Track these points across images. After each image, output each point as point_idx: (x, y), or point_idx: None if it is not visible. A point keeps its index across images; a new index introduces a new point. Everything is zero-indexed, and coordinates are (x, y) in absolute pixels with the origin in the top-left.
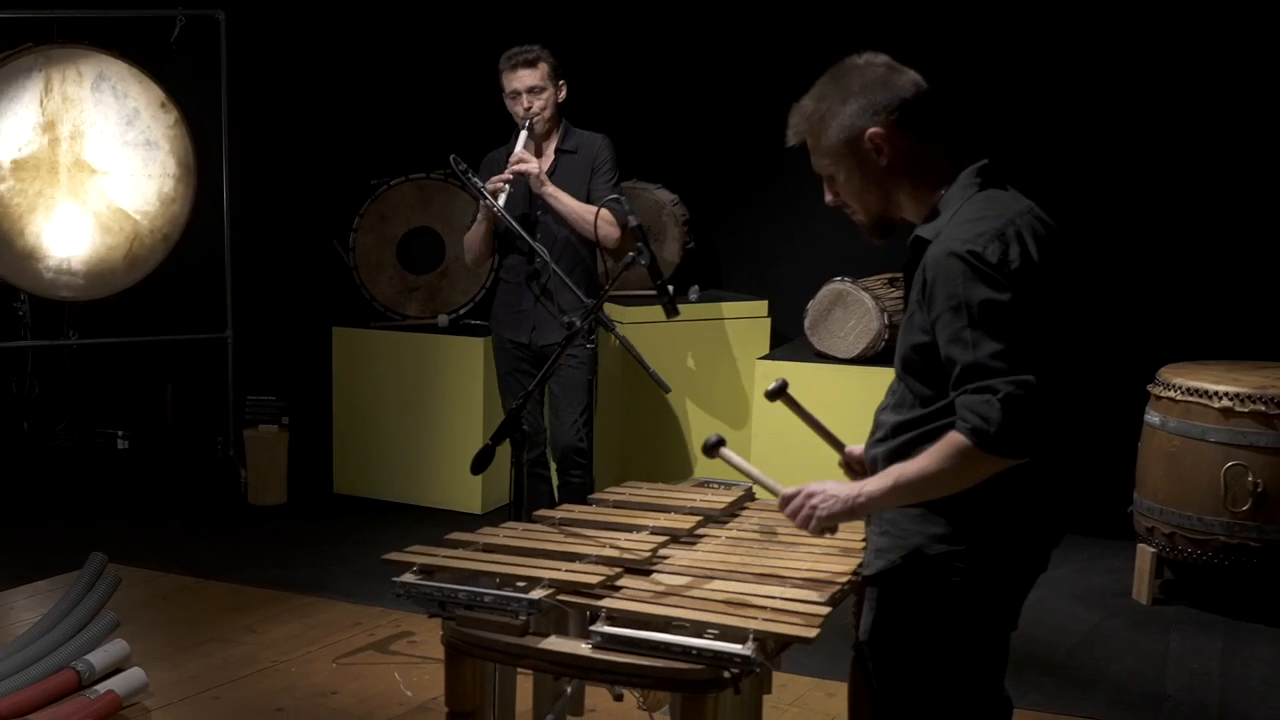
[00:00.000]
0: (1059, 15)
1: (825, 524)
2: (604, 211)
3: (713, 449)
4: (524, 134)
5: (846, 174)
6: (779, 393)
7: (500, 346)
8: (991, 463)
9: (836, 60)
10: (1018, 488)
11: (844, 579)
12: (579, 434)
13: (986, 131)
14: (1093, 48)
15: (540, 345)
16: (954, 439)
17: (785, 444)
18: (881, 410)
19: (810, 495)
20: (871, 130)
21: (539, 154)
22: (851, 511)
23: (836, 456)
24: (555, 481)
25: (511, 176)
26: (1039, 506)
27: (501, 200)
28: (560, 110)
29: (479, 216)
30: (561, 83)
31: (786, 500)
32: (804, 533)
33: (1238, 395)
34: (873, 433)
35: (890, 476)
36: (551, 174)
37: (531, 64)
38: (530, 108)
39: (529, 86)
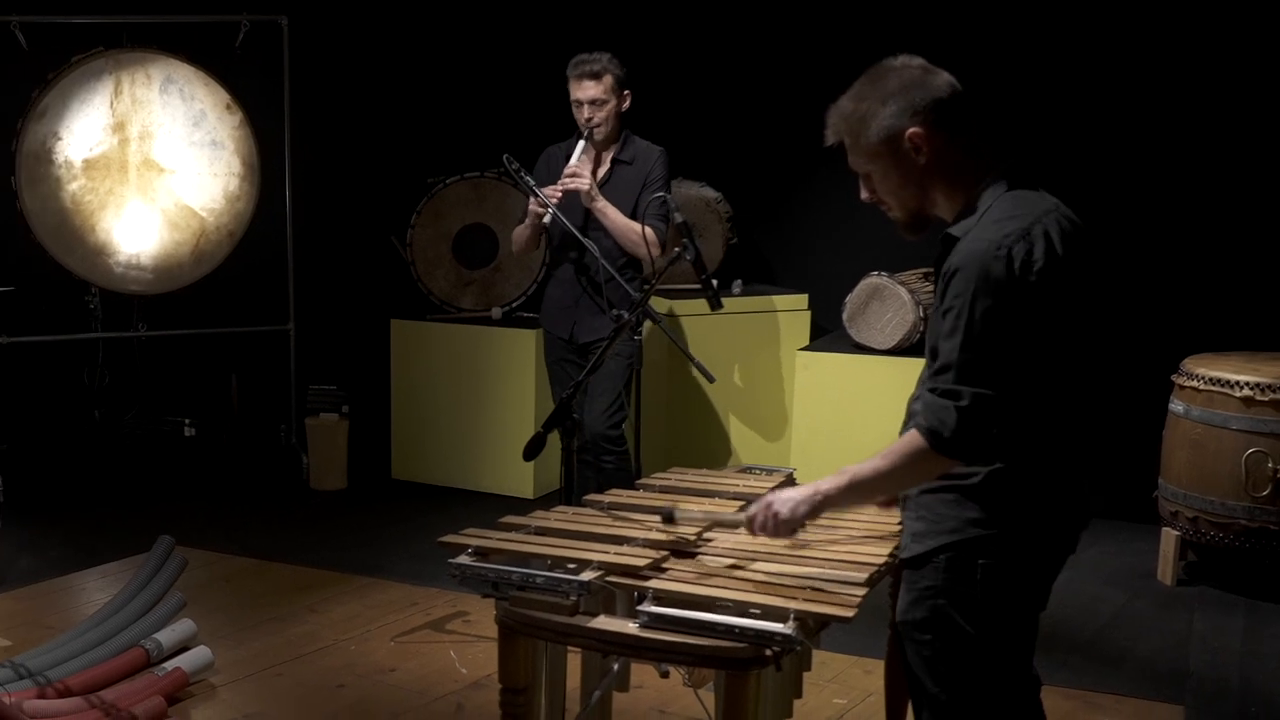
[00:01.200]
0: (1083, 16)
1: (788, 524)
2: (648, 232)
3: (669, 519)
4: (583, 143)
5: (884, 172)
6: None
7: (547, 339)
8: (942, 463)
9: (872, 62)
10: (1048, 475)
11: (880, 561)
12: (608, 421)
13: (1016, 129)
14: (1113, 45)
15: (581, 341)
16: (911, 437)
17: (825, 432)
18: (913, 400)
19: (769, 504)
20: (911, 130)
21: (598, 161)
22: (812, 509)
23: (879, 446)
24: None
25: (561, 193)
26: (1068, 493)
27: (554, 202)
28: (623, 118)
29: (528, 219)
30: (626, 93)
31: (751, 520)
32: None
33: (1258, 385)
34: (906, 420)
35: (846, 475)
36: (606, 182)
37: (596, 76)
38: (591, 119)
39: (591, 98)
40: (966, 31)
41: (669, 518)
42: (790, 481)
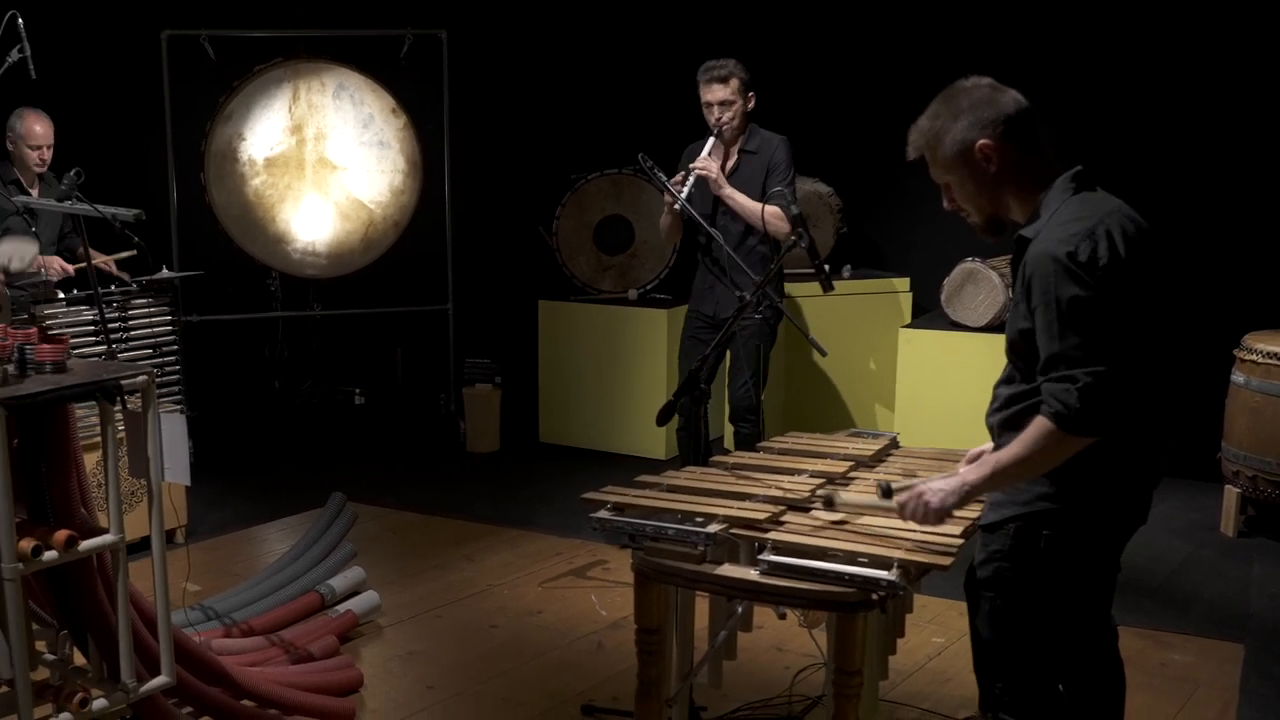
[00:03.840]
0: (1132, 14)
1: (941, 513)
2: (772, 208)
3: (830, 504)
4: (712, 139)
5: (961, 182)
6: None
7: (688, 316)
8: (1074, 442)
9: (962, 71)
10: (1116, 455)
11: (974, 517)
12: (746, 393)
13: (1082, 130)
14: (1170, 39)
15: (722, 317)
16: (1039, 423)
17: (925, 401)
18: (998, 385)
19: (920, 494)
20: (981, 142)
21: (727, 155)
22: (960, 499)
23: (973, 413)
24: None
25: (684, 176)
26: (1136, 471)
27: (684, 194)
28: (748, 116)
29: (666, 210)
30: (750, 95)
31: (903, 506)
32: (938, 474)
33: None
34: (991, 403)
35: (989, 464)
36: (735, 172)
37: (724, 80)
38: (720, 119)
39: (720, 100)
40: (1044, 36)
41: (830, 503)
42: (894, 444)
